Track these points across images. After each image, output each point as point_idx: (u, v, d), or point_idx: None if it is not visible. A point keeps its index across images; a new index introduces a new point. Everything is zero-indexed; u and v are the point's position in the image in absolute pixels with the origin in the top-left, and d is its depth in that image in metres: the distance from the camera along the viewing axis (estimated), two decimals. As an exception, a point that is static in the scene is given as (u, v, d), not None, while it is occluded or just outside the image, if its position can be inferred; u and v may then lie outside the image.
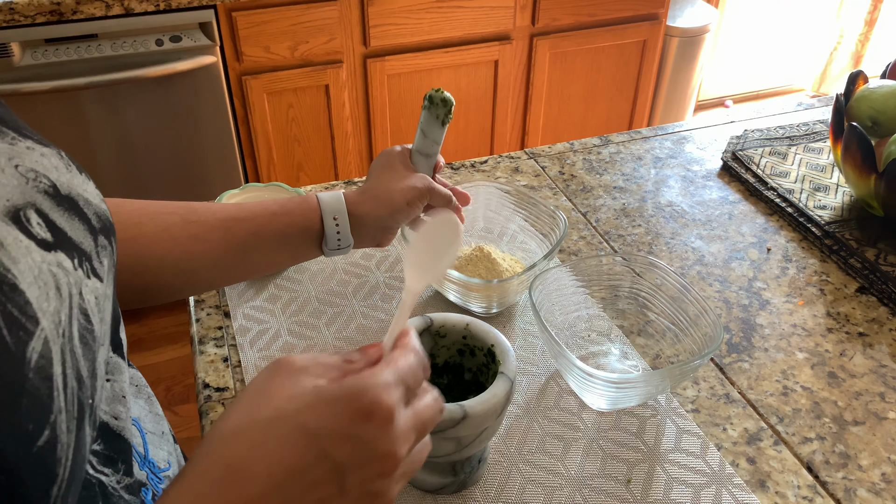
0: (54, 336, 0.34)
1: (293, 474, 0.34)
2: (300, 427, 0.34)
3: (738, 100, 3.24)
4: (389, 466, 0.36)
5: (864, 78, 0.98)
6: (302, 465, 0.34)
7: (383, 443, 0.35)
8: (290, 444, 0.34)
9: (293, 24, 1.80)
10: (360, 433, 0.34)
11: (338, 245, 0.68)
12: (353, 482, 0.35)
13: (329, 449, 0.34)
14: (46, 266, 0.36)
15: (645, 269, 0.74)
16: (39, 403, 0.31)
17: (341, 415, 0.35)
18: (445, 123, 0.71)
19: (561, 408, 0.70)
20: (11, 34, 1.57)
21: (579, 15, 2.09)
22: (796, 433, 0.68)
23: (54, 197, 0.40)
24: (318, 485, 0.34)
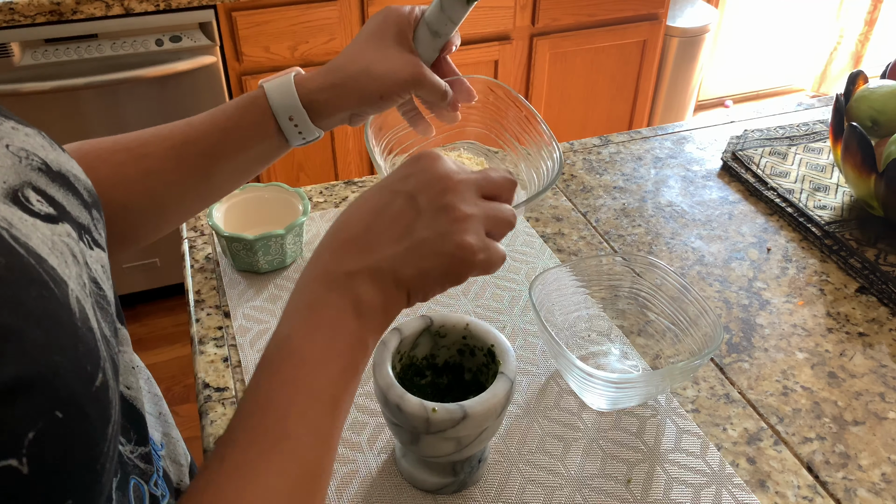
0: (83, 295, 0.35)
1: (377, 212, 0.44)
2: (376, 187, 0.45)
3: (738, 100, 3.24)
4: (449, 183, 0.43)
5: (864, 78, 0.98)
6: (381, 204, 0.44)
7: (436, 168, 0.44)
8: (369, 197, 0.45)
9: (293, 24, 1.80)
10: (414, 169, 0.44)
11: (303, 140, 0.61)
12: (424, 202, 0.43)
13: (397, 186, 0.44)
14: (58, 238, 0.37)
15: (645, 269, 0.74)
16: (91, 349, 0.33)
17: (401, 167, 0.45)
18: (472, 1, 0.57)
19: (561, 408, 0.70)
20: (11, 34, 1.57)
21: (579, 15, 2.09)
22: (796, 433, 0.68)
23: (48, 173, 0.40)
24: (399, 214, 0.43)
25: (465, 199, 0.44)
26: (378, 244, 0.43)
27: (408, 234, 0.43)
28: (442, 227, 0.43)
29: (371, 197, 0.45)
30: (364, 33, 0.61)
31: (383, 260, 0.42)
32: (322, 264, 0.43)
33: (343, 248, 0.43)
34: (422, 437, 0.56)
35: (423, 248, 0.42)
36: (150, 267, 2.01)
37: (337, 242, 0.44)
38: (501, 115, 0.72)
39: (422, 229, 0.43)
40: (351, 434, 0.67)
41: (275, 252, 0.82)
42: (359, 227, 0.44)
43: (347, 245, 0.43)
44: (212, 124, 0.59)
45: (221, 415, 0.68)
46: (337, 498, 0.62)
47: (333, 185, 1.01)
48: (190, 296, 0.82)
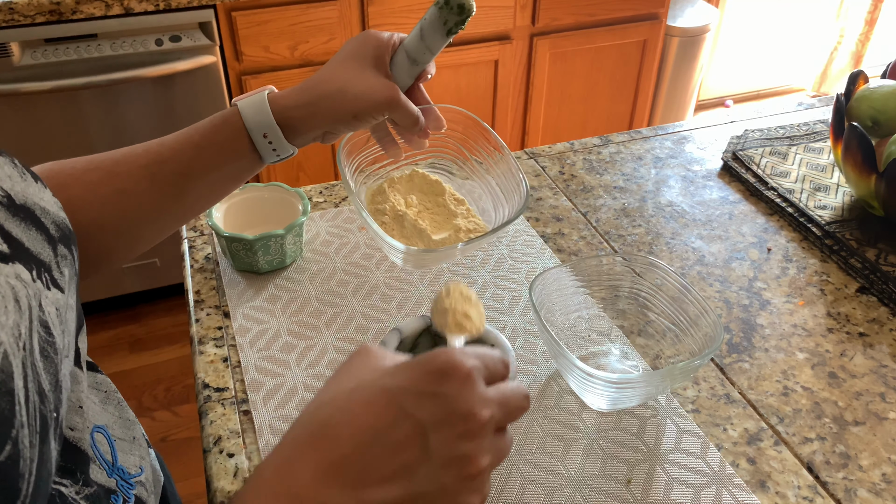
0: (14, 349, 0.33)
1: (376, 434, 0.35)
2: (381, 389, 0.36)
3: (739, 100, 3.24)
4: (473, 426, 0.35)
5: (865, 78, 0.98)
6: (384, 424, 0.35)
7: (463, 400, 0.35)
8: (371, 405, 0.35)
9: (293, 24, 1.80)
10: (438, 390, 0.35)
11: (277, 157, 0.60)
12: (437, 443, 0.35)
13: (408, 407, 0.35)
14: (4, 279, 0.35)
15: (645, 269, 0.74)
16: (1, 419, 0.31)
17: (419, 375, 0.35)
18: (452, 34, 0.58)
19: (561, 408, 0.70)
20: (11, 34, 1.57)
21: (579, 15, 2.09)
22: (796, 433, 0.68)
23: (9, 207, 0.39)
24: (401, 446, 0.35)
25: (483, 448, 0.36)
26: (368, 479, 0.34)
27: (406, 476, 0.35)
28: (449, 484, 0.35)
29: (373, 405, 0.36)
30: (342, 54, 0.60)
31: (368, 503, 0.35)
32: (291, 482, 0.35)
33: (323, 473, 0.35)
34: (422, 437, 0.56)
35: (420, 500, 0.35)
36: (149, 267, 2.01)
37: (318, 457, 0.35)
38: (470, 145, 0.73)
39: (424, 477, 0.35)
40: (351, 434, 0.67)
41: (275, 252, 0.82)
42: (349, 443, 0.35)
43: (329, 469, 0.35)
44: (185, 142, 0.59)
45: (221, 415, 0.68)
46: (337, 498, 0.62)
47: (333, 184, 1.01)
48: (190, 296, 0.82)
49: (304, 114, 0.58)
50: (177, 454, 1.70)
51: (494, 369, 0.38)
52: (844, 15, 3.09)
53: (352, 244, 0.90)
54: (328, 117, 0.58)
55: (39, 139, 1.73)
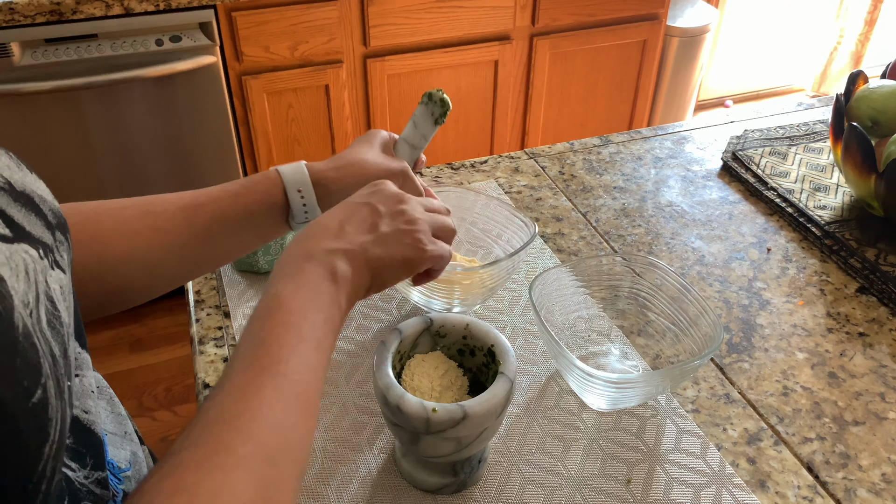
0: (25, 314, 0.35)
1: (348, 215, 0.55)
2: (342, 203, 0.57)
3: (738, 100, 3.24)
4: (403, 198, 0.56)
5: (865, 78, 0.98)
6: (350, 210, 0.55)
7: (391, 188, 0.57)
8: (340, 207, 0.56)
9: (293, 24, 1.80)
10: (374, 189, 0.57)
11: (305, 218, 0.66)
12: (384, 209, 0.55)
13: (361, 200, 0.56)
14: (14, 253, 0.37)
15: (645, 269, 0.74)
16: (31, 365, 0.33)
17: (362, 190, 0.58)
18: (438, 123, 0.73)
19: (561, 408, 0.70)
20: (11, 34, 1.57)
21: (579, 15, 2.09)
22: (796, 433, 0.68)
23: (10, 193, 0.40)
24: (365, 216, 0.55)
25: (416, 210, 0.56)
26: (350, 234, 0.53)
27: (373, 230, 0.54)
28: (400, 226, 0.54)
29: (341, 207, 0.56)
30: (355, 143, 0.72)
31: (355, 244, 0.52)
32: (302, 246, 0.52)
33: (321, 234, 0.53)
34: (422, 437, 0.56)
35: (387, 239, 0.54)
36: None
37: (315, 231, 0.53)
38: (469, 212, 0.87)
39: (384, 227, 0.54)
40: (351, 434, 0.67)
41: (275, 252, 0.82)
42: (333, 223, 0.54)
43: (325, 232, 0.53)
44: (222, 191, 0.64)
45: (221, 415, 0.68)
46: (337, 498, 0.62)
47: (333, 185, 1.01)
48: (190, 296, 0.82)
49: (335, 176, 0.67)
50: (177, 454, 1.70)
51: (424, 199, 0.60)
52: (844, 15, 3.09)
53: (352, 244, 0.89)
54: (355, 181, 0.68)
55: (39, 139, 1.73)
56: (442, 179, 1.03)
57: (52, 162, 1.76)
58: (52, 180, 1.71)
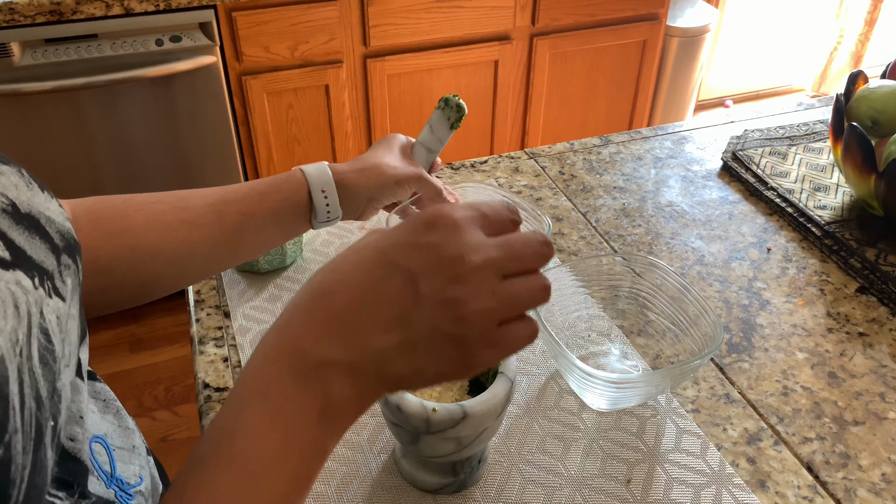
0: (11, 355, 0.33)
1: (369, 289, 0.36)
2: (373, 248, 0.37)
3: (738, 100, 3.24)
4: (461, 270, 0.35)
5: (864, 78, 0.98)
6: (375, 279, 0.36)
7: (450, 246, 0.35)
8: (363, 263, 0.37)
9: (293, 24, 1.80)
10: (425, 240, 0.36)
11: (327, 217, 0.68)
12: (427, 289, 0.35)
13: (398, 259, 0.36)
14: (3, 284, 0.35)
15: (645, 269, 0.74)
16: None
17: (408, 229, 0.37)
18: (454, 127, 0.76)
19: (561, 408, 0.70)
20: (11, 34, 1.57)
21: (579, 15, 2.09)
22: (796, 433, 0.68)
23: (13, 216, 0.39)
24: (393, 296, 0.36)
25: (480, 292, 0.35)
26: (364, 330, 0.36)
27: (401, 325, 0.36)
28: (444, 325, 0.35)
29: (365, 263, 0.37)
30: (376, 145, 0.74)
31: (368, 352, 0.36)
32: (292, 337, 0.37)
33: (322, 326, 0.36)
34: (422, 437, 0.56)
35: (419, 344, 0.36)
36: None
37: (316, 314, 0.37)
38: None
39: (419, 322, 0.35)
40: (351, 434, 0.67)
41: (275, 252, 0.82)
42: (344, 300, 0.36)
43: (328, 323, 0.36)
44: (250, 189, 0.65)
45: (221, 415, 0.68)
46: (337, 498, 0.62)
47: (333, 185, 1.01)
48: (190, 296, 0.82)
49: (357, 177, 0.68)
50: (177, 454, 1.70)
51: (496, 217, 0.38)
52: (844, 15, 3.09)
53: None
54: (375, 182, 0.69)
55: (39, 139, 1.73)
56: (442, 180, 1.03)
57: (52, 162, 1.76)
58: (52, 180, 1.71)
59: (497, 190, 0.85)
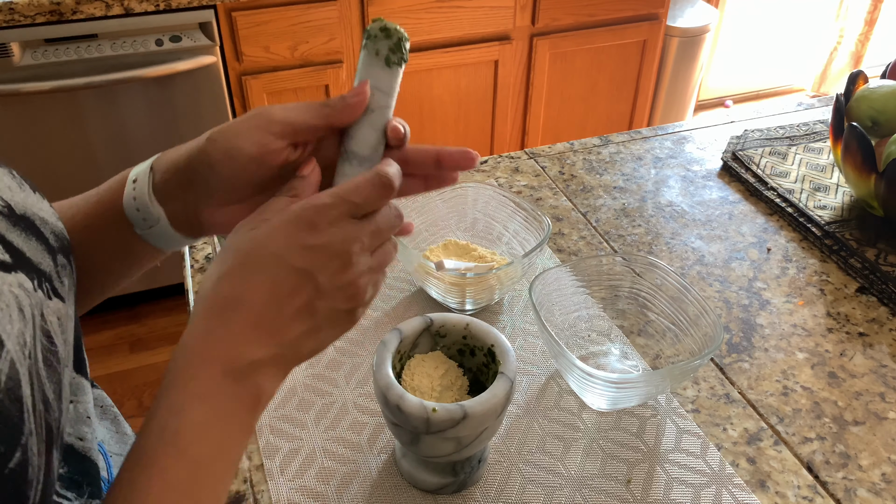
0: (21, 357, 0.33)
1: (276, 291, 0.40)
2: (267, 255, 0.41)
3: (738, 100, 3.24)
4: (347, 260, 0.41)
5: (864, 78, 0.98)
6: (277, 281, 0.40)
7: (334, 244, 0.41)
8: (265, 270, 0.40)
9: (293, 24, 1.80)
10: (310, 243, 0.40)
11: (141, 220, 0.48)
12: (325, 281, 0.41)
13: (293, 261, 0.40)
14: (7, 287, 0.35)
15: (645, 269, 0.74)
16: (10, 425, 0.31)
17: (293, 234, 0.41)
18: (393, 64, 0.45)
19: (561, 408, 0.70)
20: (11, 34, 1.57)
21: (579, 15, 2.09)
22: (796, 433, 0.68)
23: (9, 217, 0.39)
24: (296, 292, 0.40)
25: (362, 270, 0.42)
26: (280, 327, 0.40)
27: (308, 314, 0.41)
28: (341, 304, 0.42)
29: (265, 268, 0.40)
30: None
31: (286, 344, 0.41)
32: (218, 346, 0.39)
33: (245, 332, 0.40)
34: (422, 437, 0.56)
35: (326, 324, 0.42)
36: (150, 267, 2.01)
37: (235, 322, 0.39)
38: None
39: (322, 308, 0.41)
40: (351, 434, 0.67)
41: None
42: (257, 305, 0.40)
43: (249, 328, 0.40)
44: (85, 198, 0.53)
45: (221, 415, 0.68)
46: (337, 498, 0.62)
47: (333, 185, 1.01)
48: (190, 296, 0.82)
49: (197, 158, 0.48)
50: (177, 454, 1.70)
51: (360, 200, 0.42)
52: (844, 15, 3.09)
53: (352, 244, 0.90)
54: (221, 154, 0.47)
55: (39, 139, 1.73)
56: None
57: (52, 162, 1.76)
58: (51, 180, 1.72)
59: (497, 190, 0.85)
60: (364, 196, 0.42)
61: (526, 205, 0.83)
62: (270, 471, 0.63)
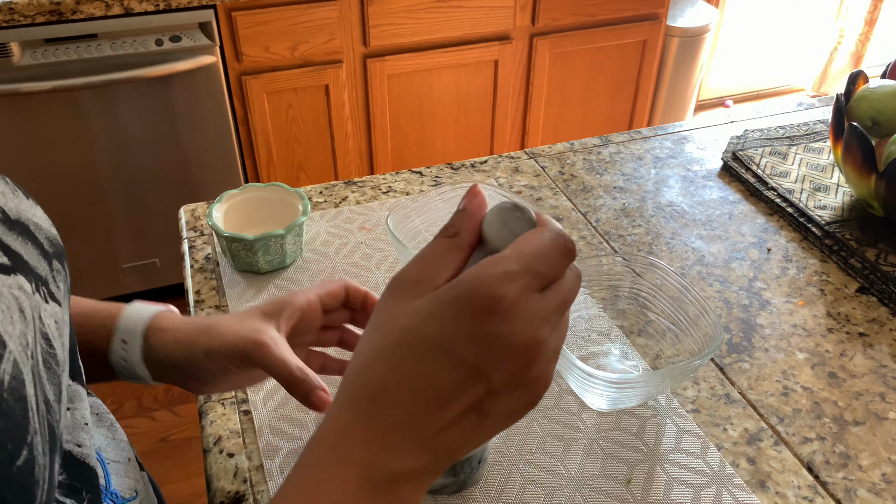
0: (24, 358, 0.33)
1: (435, 389, 0.33)
2: (428, 341, 0.33)
3: (738, 100, 3.24)
4: (533, 354, 0.33)
5: (865, 78, 0.98)
6: (441, 377, 0.33)
7: (517, 333, 0.32)
8: (423, 361, 0.33)
9: (293, 24, 1.80)
10: (487, 331, 0.32)
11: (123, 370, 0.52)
12: (501, 381, 0.33)
13: (461, 354, 0.32)
14: (7, 289, 0.35)
15: (645, 269, 0.74)
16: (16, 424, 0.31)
17: (463, 317, 0.32)
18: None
19: (561, 408, 0.70)
20: (11, 34, 1.57)
21: (579, 15, 2.09)
22: (796, 433, 0.68)
23: (5, 222, 0.39)
24: (463, 391, 0.33)
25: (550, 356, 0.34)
26: (440, 433, 0.33)
27: (478, 416, 0.34)
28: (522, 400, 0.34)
29: (424, 359, 0.33)
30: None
31: (444, 451, 0.34)
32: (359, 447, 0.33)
33: (393, 435, 0.33)
34: (422, 437, 0.56)
35: (494, 423, 0.34)
36: (149, 267, 2.01)
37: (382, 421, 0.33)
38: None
39: (495, 409, 0.34)
40: (351, 434, 0.67)
41: (275, 252, 0.82)
42: (411, 405, 0.33)
43: (399, 431, 0.33)
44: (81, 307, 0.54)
45: (221, 415, 0.68)
46: (337, 498, 0.62)
47: (333, 185, 1.01)
48: (190, 296, 0.82)
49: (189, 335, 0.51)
50: (177, 454, 1.70)
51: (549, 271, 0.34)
52: (844, 15, 3.09)
53: (352, 244, 0.90)
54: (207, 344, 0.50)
55: (39, 139, 1.73)
56: (442, 180, 1.03)
57: (52, 162, 1.76)
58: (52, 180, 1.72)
59: (497, 190, 0.85)
60: (550, 264, 0.33)
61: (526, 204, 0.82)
62: (270, 471, 0.63)
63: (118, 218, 1.91)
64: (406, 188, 1.01)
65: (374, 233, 0.92)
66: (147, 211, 1.92)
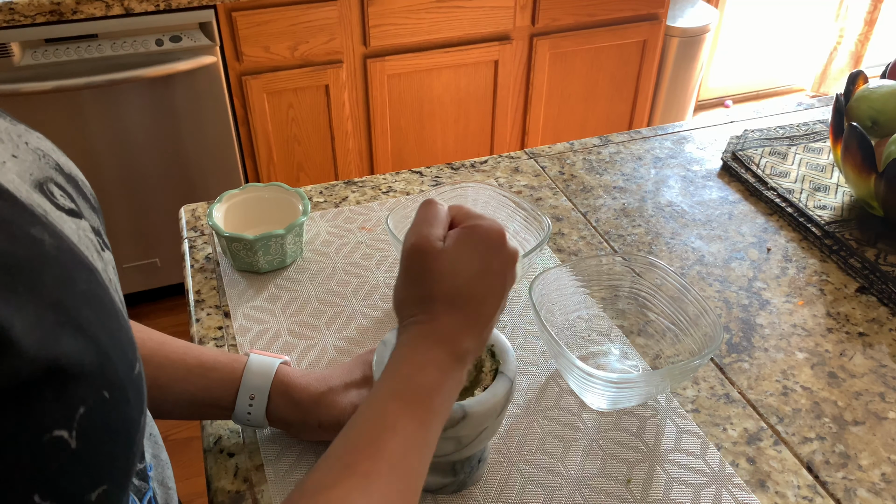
0: (112, 290, 0.36)
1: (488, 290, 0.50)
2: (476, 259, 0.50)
3: (738, 100, 3.24)
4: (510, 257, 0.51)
5: (864, 78, 0.98)
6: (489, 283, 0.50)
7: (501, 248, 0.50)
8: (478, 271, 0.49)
9: (293, 24, 1.80)
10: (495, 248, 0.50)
11: (247, 421, 0.62)
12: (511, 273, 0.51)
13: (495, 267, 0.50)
14: (82, 232, 0.38)
15: (645, 269, 0.74)
16: (130, 337, 0.34)
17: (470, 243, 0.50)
18: None
19: (561, 408, 0.70)
20: (11, 34, 1.57)
21: (579, 15, 2.09)
22: (796, 433, 0.68)
23: (62, 174, 0.41)
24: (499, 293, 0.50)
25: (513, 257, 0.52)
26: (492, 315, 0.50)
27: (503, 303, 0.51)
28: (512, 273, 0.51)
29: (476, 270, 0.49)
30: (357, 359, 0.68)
31: (489, 328, 0.50)
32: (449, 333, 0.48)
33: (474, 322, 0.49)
34: (422, 437, 0.56)
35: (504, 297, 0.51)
36: (150, 267, 2.01)
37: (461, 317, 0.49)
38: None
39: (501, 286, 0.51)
40: (351, 434, 0.67)
41: (275, 252, 0.82)
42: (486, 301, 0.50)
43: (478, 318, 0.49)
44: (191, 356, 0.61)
45: (221, 415, 0.68)
46: (337, 498, 0.62)
47: (333, 184, 1.01)
48: (190, 296, 0.82)
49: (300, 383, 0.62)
50: (177, 454, 1.69)
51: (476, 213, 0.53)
52: (844, 15, 3.09)
53: (352, 244, 0.90)
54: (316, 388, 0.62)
55: (39, 139, 1.72)
56: (442, 180, 1.03)
57: (52, 162, 1.76)
58: (52, 180, 1.66)
59: (497, 190, 0.85)
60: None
61: (526, 205, 0.82)
62: (270, 471, 0.63)
63: (118, 218, 1.91)
64: (406, 188, 1.01)
65: (374, 233, 0.92)
66: (147, 211, 1.92)
